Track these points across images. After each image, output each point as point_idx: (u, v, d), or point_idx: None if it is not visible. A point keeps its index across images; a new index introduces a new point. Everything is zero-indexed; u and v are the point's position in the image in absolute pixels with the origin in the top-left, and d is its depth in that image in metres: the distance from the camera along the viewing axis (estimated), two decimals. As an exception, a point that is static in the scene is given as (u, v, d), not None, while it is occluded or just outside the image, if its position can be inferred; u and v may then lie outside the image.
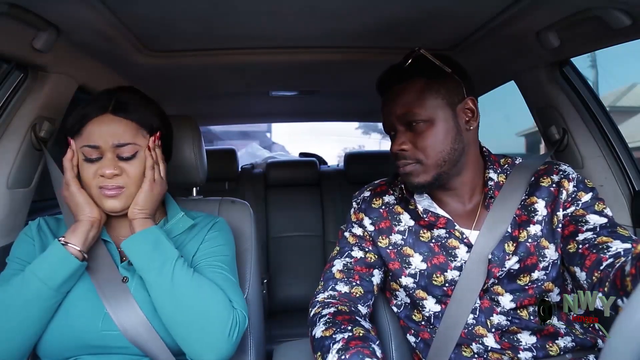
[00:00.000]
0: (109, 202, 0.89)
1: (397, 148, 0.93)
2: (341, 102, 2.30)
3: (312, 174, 2.57)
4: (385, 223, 1.01)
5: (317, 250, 2.41)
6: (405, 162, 0.93)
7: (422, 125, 0.91)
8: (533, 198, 0.95)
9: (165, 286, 0.85)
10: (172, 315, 0.85)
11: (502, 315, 0.91)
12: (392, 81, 0.96)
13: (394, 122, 0.94)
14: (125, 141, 0.90)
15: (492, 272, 0.91)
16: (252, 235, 1.19)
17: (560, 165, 0.98)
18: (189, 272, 0.88)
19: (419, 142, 0.91)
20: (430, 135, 0.91)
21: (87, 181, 0.90)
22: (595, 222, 0.89)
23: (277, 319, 2.20)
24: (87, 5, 0.93)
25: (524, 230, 0.92)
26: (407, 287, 0.97)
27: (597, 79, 9.62)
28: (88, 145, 0.89)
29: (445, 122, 0.91)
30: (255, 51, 1.35)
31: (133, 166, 0.91)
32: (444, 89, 0.92)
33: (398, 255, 0.98)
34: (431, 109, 0.91)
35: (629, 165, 1.25)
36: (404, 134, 0.93)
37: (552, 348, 0.89)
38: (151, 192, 0.92)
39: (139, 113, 0.93)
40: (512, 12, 1.00)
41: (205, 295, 0.87)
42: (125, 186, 0.90)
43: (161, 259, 0.87)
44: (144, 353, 0.86)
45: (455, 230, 0.95)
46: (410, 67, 0.93)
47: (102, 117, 0.90)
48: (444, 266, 0.94)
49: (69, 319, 0.85)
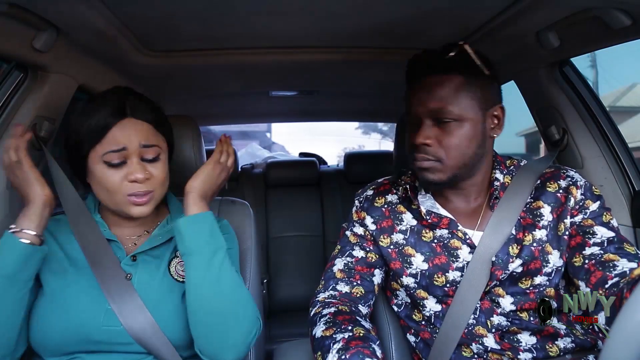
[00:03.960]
0: (137, 209, 0.89)
1: (420, 140, 0.89)
2: (341, 102, 2.30)
3: (312, 174, 2.57)
4: (387, 222, 1.00)
5: (317, 250, 2.41)
6: (425, 157, 0.90)
7: (452, 124, 0.88)
8: (539, 202, 0.94)
9: (212, 274, 0.85)
10: (207, 304, 0.84)
11: (502, 316, 0.91)
12: (428, 70, 0.90)
13: (422, 114, 0.90)
14: (151, 142, 0.90)
15: (495, 274, 0.90)
16: (252, 235, 1.19)
17: (568, 171, 0.97)
18: (233, 267, 0.89)
19: (444, 139, 0.88)
20: (458, 135, 0.88)
21: (111, 187, 0.88)
22: (602, 235, 0.88)
23: (277, 319, 2.20)
24: (87, 5, 0.93)
25: (529, 233, 0.92)
26: (408, 286, 0.97)
27: (597, 79, 9.63)
28: (112, 151, 0.87)
29: (474, 124, 0.89)
30: (255, 51, 1.35)
31: (158, 169, 0.91)
32: (480, 90, 0.89)
33: (399, 254, 0.97)
34: (464, 109, 0.88)
35: (629, 165, 1.25)
36: (430, 127, 0.89)
37: (552, 349, 0.89)
38: (213, 171, 0.94)
39: (154, 115, 0.93)
40: (512, 12, 1.00)
41: (243, 294, 0.88)
42: (154, 189, 0.91)
43: (214, 246, 0.87)
44: (147, 350, 0.86)
45: (458, 231, 0.94)
46: (450, 60, 0.89)
47: (124, 122, 0.88)
48: (445, 266, 0.93)
49: (70, 313, 0.85)
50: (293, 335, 1.68)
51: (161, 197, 0.94)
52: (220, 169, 0.96)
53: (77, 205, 0.96)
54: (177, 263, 0.94)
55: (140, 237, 0.98)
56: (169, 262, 0.94)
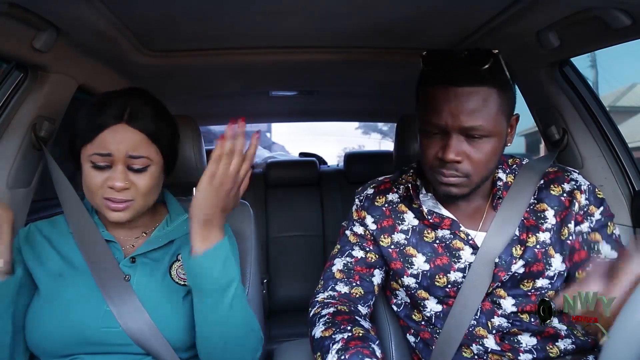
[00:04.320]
0: (114, 214, 0.88)
1: (452, 157, 0.83)
2: (341, 102, 2.30)
3: (312, 174, 2.57)
4: (388, 221, 0.99)
5: (317, 250, 2.41)
6: (453, 173, 0.85)
7: (482, 140, 0.83)
8: (543, 205, 0.93)
9: (221, 314, 0.82)
10: (214, 339, 0.84)
11: (503, 317, 0.90)
12: (462, 80, 0.82)
13: (452, 127, 0.82)
14: (139, 154, 0.87)
15: (497, 275, 0.90)
16: (252, 235, 1.19)
17: (571, 174, 0.96)
18: (244, 296, 0.86)
19: (474, 155, 0.84)
20: (487, 151, 0.84)
21: (92, 189, 0.87)
22: (606, 256, 0.89)
23: (277, 319, 2.20)
24: (87, 5, 0.93)
25: (533, 235, 0.91)
26: (409, 287, 0.96)
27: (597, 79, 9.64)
28: (99, 153, 0.85)
29: (500, 138, 0.86)
30: (255, 51, 1.35)
31: (143, 179, 0.88)
32: (507, 102, 0.85)
33: (400, 255, 0.97)
34: (496, 124, 0.83)
35: (629, 165, 1.25)
36: (460, 142, 0.83)
37: (553, 350, 0.89)
38: (210, 186, 0.77)
39: (153, 126, 0.89)
40: (512, 12, 1.00)
41: (251, 323, 0.88)
42: (134, 199, 0.88)
43: (227, 279, 0.81)
44: (146, 351, 0.86)
45: (460, 232, 0.94)
46: (485, 71, 0.82)
47: (117, 127, 0.86)
48: (447, 267, 0.93)
49: (68, 315, 0.85)
50: (293, 335, 1.67)
51: (144, 207, 0.92)
52: (220, 180, 0.78)
53: (76, 206, 0.96)
54: (179, 267, 0.94)
55: (138, 239, 0.98)
56: (170, 266, 0.94)
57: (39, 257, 0.91)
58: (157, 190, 0.95)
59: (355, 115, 2.96)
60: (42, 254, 0.91)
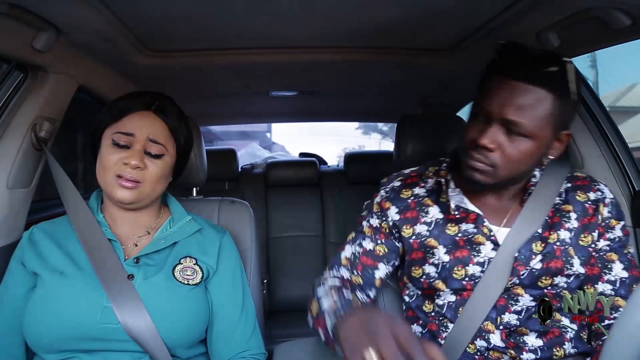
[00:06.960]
0: (121, 192, 0.90)
1: (485, 142, 0.84)
2: (341, 102, 2.30)
3: (312, 174, 2.57)
4: (412, 213, 0.99)
5: (317, 250, 2.41)
6: (481, 159, 0.86)
7: (520, 138, 0.83)
8: (568, 206, 0.95)
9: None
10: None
11: (514, 314, 0.91)
12: (520, 75, 0.82)
13: (495, 116, 0.83)
14: (159, 140, 0.94)
15: (516, 269, 0.90)
16: (252, 235, 1.19)
17: (599, 185, 0.97)
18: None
19: (507, 149, 0.84)
20: (522, 150, 0.84)
21: (107, 165, 0.91)
22: (616, 274, 0.91)
23: (277, 319, 2.20)
24: (87, 5, 0.93)
25: (555, 232, 0.92)
26: (429, 275, 0.96)
27: (597, 79, 9.63)
28: (122, 132, 0.91)
29: (540, 144, 0.85)
30: (255, 51, 1.35)
31: (156, 166, 0.93)
32: (560, 112, 0.83)
33: (421, 245, 0.97)
34: (538, 127, 0.83)
35: (629, 165, 1.25)
36: (498, 131, 0.84)
37: (558, 352, 0.89)
38: None
39: (177, 122, 0.98)
40: (512, 12, 1.00)
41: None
42: (142, 182, 0.92)
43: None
44: (143, 348, 0.86)
45: (484, 227, 0.94)
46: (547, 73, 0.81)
47: (145, 113, 0.95)
48: (466, 260, 0.93)
49: (67, 310, 0.85)
50: (293, 335, 1.67)
51: (149, 196, 0.95)
52: None
53: (78, 205, 0.96)
54: (182, 269, 0.95)
55: (141, 238, 0.98)
56: (173, 268, 0.95)
57: (41, 254, 0.91)
58: (164, 184, 0.98)
59: (355, 115, 2.96)
60: (46, 252, 0.92)
